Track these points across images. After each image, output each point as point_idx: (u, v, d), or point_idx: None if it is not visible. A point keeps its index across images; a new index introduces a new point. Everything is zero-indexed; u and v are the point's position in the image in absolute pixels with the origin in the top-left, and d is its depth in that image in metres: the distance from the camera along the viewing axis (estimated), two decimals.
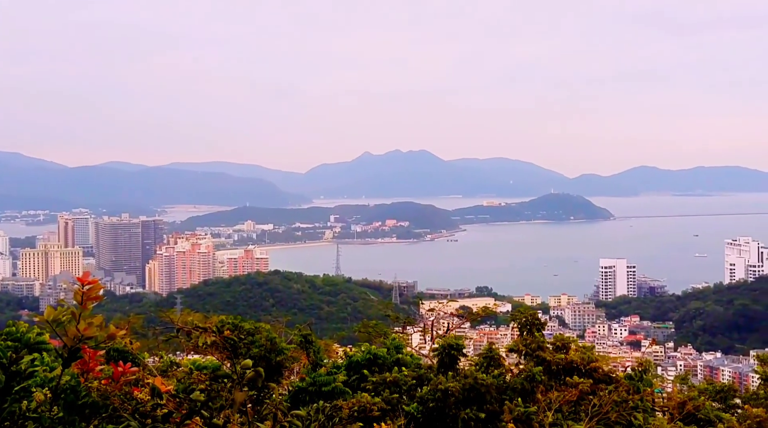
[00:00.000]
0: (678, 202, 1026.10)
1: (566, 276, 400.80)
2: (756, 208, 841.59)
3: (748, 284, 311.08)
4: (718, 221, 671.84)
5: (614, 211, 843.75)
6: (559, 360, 23.57)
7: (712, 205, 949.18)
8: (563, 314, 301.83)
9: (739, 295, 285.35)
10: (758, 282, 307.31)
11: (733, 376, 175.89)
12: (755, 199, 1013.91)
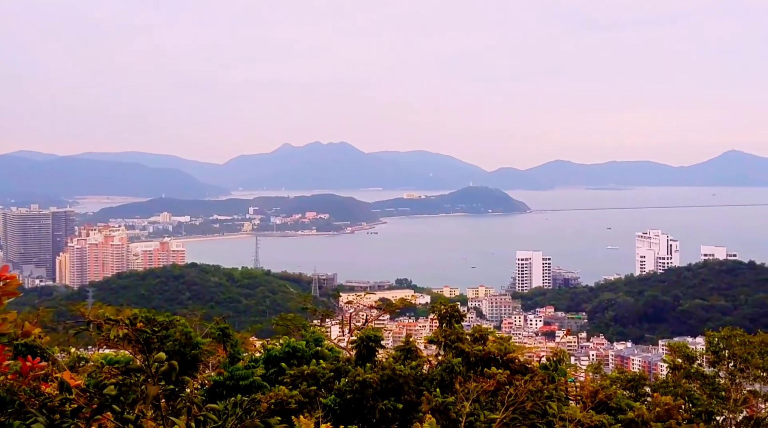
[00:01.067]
0: (592, 195, 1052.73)
1: (484, 268, 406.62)
2: (665, 202, 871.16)
3: (658, 275, 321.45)
4: (630, 215, 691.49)
5: (531, 204, 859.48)
6: (478, 351, 23.82)
7: (625, 199, 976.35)
8: (481, 305, 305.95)
9: (649, 286, 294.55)
10: (667, 274, 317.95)
11: (643, 365, 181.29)
12: (665, 193, 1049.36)
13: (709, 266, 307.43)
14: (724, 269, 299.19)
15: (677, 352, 33.97)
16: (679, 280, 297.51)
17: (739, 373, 32.28)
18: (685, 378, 32.52)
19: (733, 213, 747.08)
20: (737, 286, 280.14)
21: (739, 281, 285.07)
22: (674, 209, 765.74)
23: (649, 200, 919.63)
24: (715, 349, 33.00)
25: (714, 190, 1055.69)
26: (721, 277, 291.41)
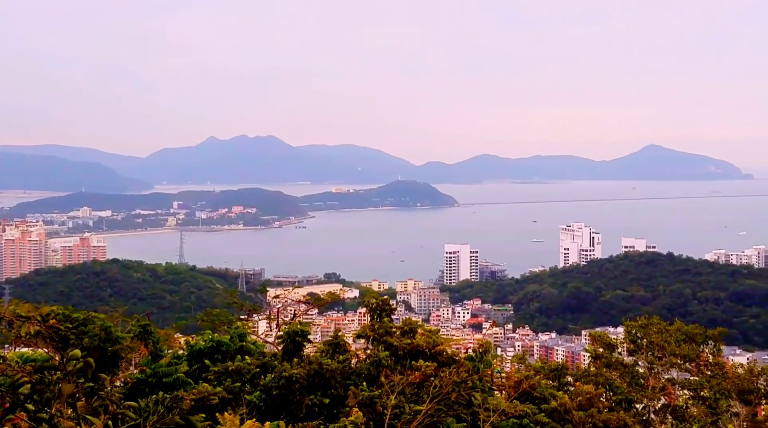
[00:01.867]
0: (518, 189, 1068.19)
1: (413, 262, 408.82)
2: (588, 195, 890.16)
3: (581, 267, 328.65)
4: (554, 208, 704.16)
5: (459, 198, 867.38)
6: (406, 345, 23.89)
7: (549, 192, 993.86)
8: (409, 298, 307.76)
9: (573, 278, 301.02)
10: (589, 266, 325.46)
11: (566, 355, 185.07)
12: (588, 186, 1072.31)
13: (630, 257, 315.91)
14: (643, 261, 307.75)
15: (598, 342, 34.82)
16: (601, 271, 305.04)
17: (657, 361, 33.29)
18: (606, 367, 33.35)
19: (652, 206, 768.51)
20: (656, 277, 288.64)
21: (658, 272, 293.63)
22: (596, 203, 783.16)
23: (573, 193, 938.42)
24: (634, 338, 33.94)
25: (634, 183, 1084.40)
26: (640, 268, 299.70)
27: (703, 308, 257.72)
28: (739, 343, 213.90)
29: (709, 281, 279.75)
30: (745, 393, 32.03)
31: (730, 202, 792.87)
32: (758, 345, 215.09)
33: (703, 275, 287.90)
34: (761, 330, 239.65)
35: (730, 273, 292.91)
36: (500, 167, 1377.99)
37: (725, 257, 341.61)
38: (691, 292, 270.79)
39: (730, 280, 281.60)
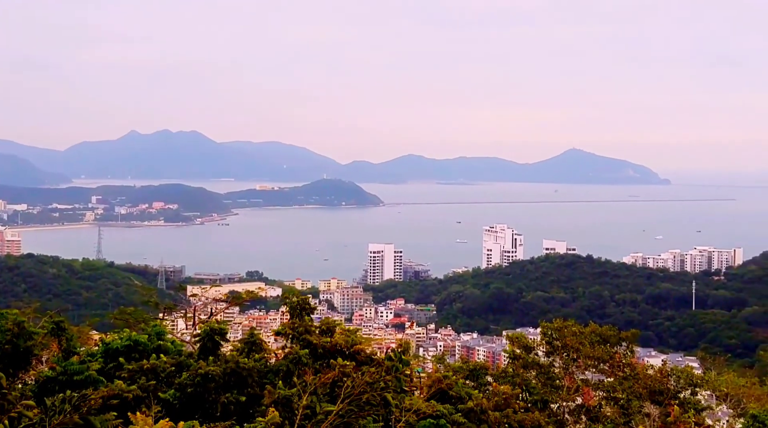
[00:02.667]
0: (442, 190, 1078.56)
1: (337, 261, 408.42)
2: (511, 197, 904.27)
3: (503, 268, 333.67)
4: (478, 209, 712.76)
5: (384, 197, 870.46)
6: (325, 343, 23.84)
7: (473, 193, 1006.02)
8: (333, 298, 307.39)
9: (495, 279, 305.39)
10: (511, 267, 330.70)
11: (487, 355, 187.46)
12: (511, 188, 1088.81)
13: (551, 259, 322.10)
14: (564, 263, 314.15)
15: (516, 342, 35.34)
16: (523, 273, 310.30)
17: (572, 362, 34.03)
18: (523, 368, 33.87)
19: (573, 209, 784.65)
20: (576, 279, 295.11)
21: (577, 274, 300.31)
22: (519, 205, 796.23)
23: (497, 195, 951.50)
24: (550, 340, 34.60)
25: (557, 186, 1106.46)
26: (561, 270, 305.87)
27: (620, 310, 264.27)
28: (655, 345, 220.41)
29: (626, 284, 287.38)
30: (656, 394, 32.92)
31: (648, 206, 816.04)
32: (672, 347, 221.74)
33: (621, 277, 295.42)
34: (675, 332, 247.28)
35: (646, 276, 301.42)
36: (426, 168, 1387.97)
37: (642, 260, 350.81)
38: (610, 294, 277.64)
39: (647, 283, 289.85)
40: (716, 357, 48.97)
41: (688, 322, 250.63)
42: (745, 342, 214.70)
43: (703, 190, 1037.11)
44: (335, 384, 20.25)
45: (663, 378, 33.37)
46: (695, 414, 30.49)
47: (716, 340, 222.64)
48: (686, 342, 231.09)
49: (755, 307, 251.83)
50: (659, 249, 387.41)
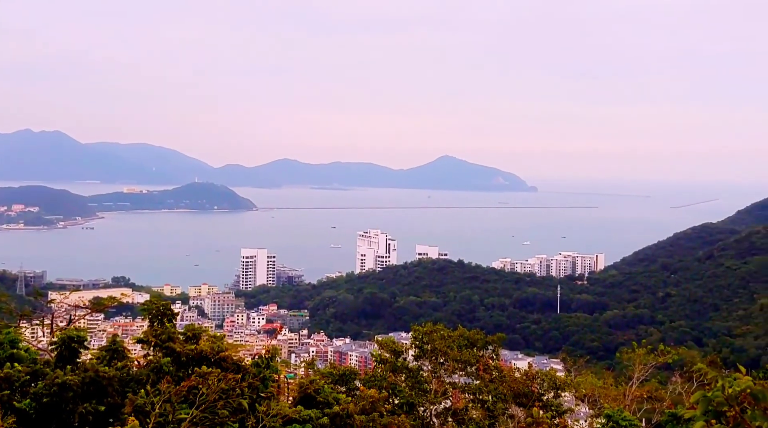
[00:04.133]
0: (317, 195, 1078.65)
1: (208, 266, 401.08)
2: (386, 202, 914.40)
3: (376, 273, 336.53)
4: (353, 214, 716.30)
5: (257, 202, 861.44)
6: (189, 351, 23.32)
7: (349, 198, 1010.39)
8: (203, 304, 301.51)
9: (368, 284, 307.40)
10: (385, 272, 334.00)
11: (360, 360, 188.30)
12: (385, 194, 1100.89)
13: (423, 264, 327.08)
14: (436, 268, 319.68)
15: (385, 347, 35.63)
16: (396, 277, 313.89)
17: (440, 366, 34.61)
18: (392, 372, 34.17)
19: (445, 215, 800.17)
20: (447, 283, 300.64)
21: (449, 278, 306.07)
22: (393, 210, 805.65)
23: (371, 200, 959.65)
24: (419, 344, 35.07)
25: (430, 192, 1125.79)
26: (433, 275, 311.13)
27: (489, 314, 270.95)
28: (522, 348, 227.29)
29: (495, 288, 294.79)
30: (521, 396, 33.88)
31: (517, 212, 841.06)
32: (538, 350, 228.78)
33: (490, 282, 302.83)
34: (541, 335, 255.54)
35: (514, 281, 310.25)
36: (301, 172, 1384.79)
37: (511, 265, 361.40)
38: (479, 298, 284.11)
39: (515, 287, 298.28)
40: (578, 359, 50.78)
41: (553, 325, 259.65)
42: (606, 344, 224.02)
43: (568, 197, 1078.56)
44: (191, 391, 19.81)
45: (527, 380, 34.36)
46: (557, 415, 31.61)
47: (579, 343, 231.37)
48: (551, 344, 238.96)
49: (615, 311, 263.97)
50: (527, 254, 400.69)
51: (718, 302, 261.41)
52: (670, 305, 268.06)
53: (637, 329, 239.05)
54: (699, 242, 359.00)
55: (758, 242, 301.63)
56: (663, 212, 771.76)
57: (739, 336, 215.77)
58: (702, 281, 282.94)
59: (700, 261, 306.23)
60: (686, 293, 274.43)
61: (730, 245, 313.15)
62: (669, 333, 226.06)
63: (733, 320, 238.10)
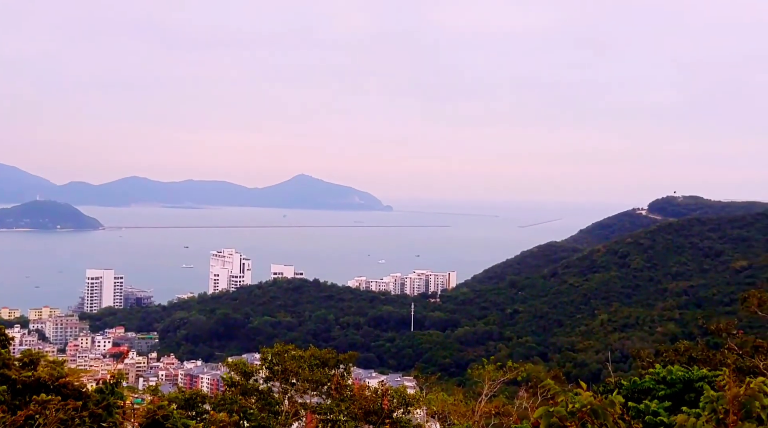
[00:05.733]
0: (169, 213, 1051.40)
1: (50, 287, 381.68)
2: (241, 222, 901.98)
3: (230, 293, 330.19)
4: (207, 234, 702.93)
5: (104, 221, 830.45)
6: (26, 378, 21.62)
7: (202, 217, 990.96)
8: (44, 327, 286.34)
9: (222, 304, 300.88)
10: (239, 292, 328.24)
11: (212, 383, 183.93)
12: (240, 213, 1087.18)
13: (278, 284, 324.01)
14: (291, 287, 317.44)
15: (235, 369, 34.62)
16: (250, 297, 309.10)
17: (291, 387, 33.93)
18: (243, 395, 33.20)
19: (301, 234, 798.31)
20: (303, 303, 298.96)
21: (304, 298, 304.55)
22: (248, 229, 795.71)
23: (226, 219, 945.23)
24: (270, 365, 34.27)
25: (285, 211, 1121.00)
26: (288, 294, 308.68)
27: (344, 332, 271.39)
28: (376, 366, 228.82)
29: (351, 307, 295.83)
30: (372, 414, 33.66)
31: (373, 231, 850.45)
32: (392, 368, 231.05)
33: (345, 300, 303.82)
34: (395, 353, 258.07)
35: (369, 299, 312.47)
36: (151, 190, 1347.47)
37: (366, 283, 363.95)
38: (335, 317, 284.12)
39: (370, 306, 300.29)
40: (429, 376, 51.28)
41: (407, 343, 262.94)
42: (457, 361, 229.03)
43: (422, 217, 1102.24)
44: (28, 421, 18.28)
45: (378, 398, 34.21)
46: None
47: (432, 360, 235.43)
48: (405, 362, 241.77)
49: (466, 327, 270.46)
50: (382, 273, 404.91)
51: (562, 318, 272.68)
52: (517, 321, 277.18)
53: (486, 345, 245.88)
54: (544, 260, 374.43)
55: (598, 260, 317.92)
56: (511, 231, 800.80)
57: (581, 351, 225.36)
58: (547, 297, 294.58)
59: (545, 279, 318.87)
60: (533, 309, 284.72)
61: (573, 263, 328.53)
62: (517, 349, 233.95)
63: (575, 335, 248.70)
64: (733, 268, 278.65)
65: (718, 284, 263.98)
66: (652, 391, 22.95)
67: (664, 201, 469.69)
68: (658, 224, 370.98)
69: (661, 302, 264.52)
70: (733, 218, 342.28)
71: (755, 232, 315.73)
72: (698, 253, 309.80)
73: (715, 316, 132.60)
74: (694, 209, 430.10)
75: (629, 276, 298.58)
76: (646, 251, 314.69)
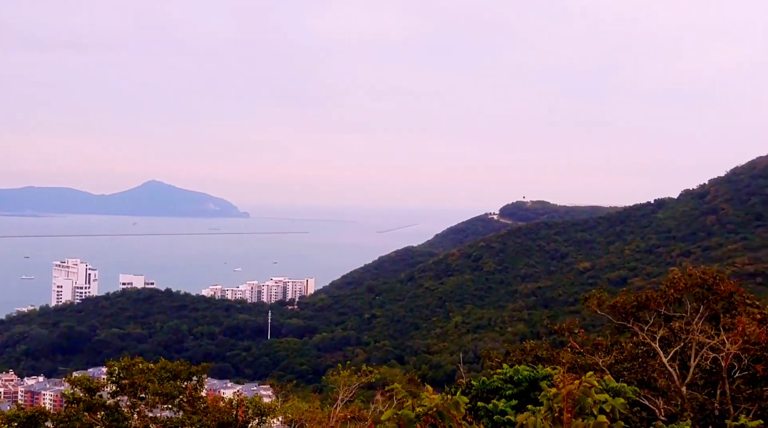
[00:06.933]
0: (8, 222, 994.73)
1: None
2: (87, 230, 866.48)
3: (75, 305, 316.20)
4: (49, 243, 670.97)
5: None
6: None
7: (44, 226, 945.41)
8: None
9: (66, 317, 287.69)
10: (84, 304, 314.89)
11: (55, 399, 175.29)
12: (86, 221, 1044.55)
13: (128, 294, 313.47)
14: (141, 297, 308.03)
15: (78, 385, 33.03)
16: (97, 309, 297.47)
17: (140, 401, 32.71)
18: (87, 411, 31.74)
19: (153, 242, 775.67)
20: (154, 314, 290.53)
21: (155, 308, 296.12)
22: (95, 238, 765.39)
23: (71, 227, 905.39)
24: (116, 379, 32.95)
25: (136, 219, 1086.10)
26: (138, 305, 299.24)
27: (198, 343, 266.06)
28: (232, 375, 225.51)
29: (205, 317, 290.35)
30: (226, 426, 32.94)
31: (229, 239, 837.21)
32: (248, 377, 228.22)
33: (199, 310, 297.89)
34: (251, 361, 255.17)
35: (225, 308, 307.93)
36: None
37: (221, 292, 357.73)
38: (188, 327, 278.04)
39: (225, 315, 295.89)
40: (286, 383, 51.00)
41: (264, 351, 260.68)
42: (315, 367, 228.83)
43: (280, 223, 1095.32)
44: None
45: (232, 409, 33.53)
46: None
47: (289, 367, 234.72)
48: (261, 370, 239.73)
49: (324, 333, 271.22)
50: (238, 281, 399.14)
51: (419, 322, 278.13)
52: (375, 325, 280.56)
53: (344, 350, 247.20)
54: (402, 265, 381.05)
55: (453, 263, 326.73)
56: (370, 237, 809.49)
57: (437, 353, 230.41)
58: (404, 301, 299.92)
59: (402, 283, 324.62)
60: (390, 313, 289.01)
61: (429, 267, 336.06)
62: (374, 353, 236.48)
63: (431, 337, 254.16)
64: (577, 269, 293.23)
65: (564, 285, 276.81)
66: (500, 390, 23.60)
67: (513, 206, 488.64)
68: (508, 228, 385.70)
69: (512, 304, 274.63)
70: (577, 222, 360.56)
71: (597, 235, 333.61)
72: (545, 255, 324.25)
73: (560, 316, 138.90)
74: (541, 214, 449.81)
75: (482, 279, 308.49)
76: (497, 255, 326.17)
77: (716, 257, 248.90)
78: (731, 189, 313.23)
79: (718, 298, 32.05)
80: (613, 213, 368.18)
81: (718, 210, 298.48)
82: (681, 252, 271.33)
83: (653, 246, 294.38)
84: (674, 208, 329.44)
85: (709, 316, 32.10)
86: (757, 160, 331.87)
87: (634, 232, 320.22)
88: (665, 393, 28.95)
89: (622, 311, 33.19)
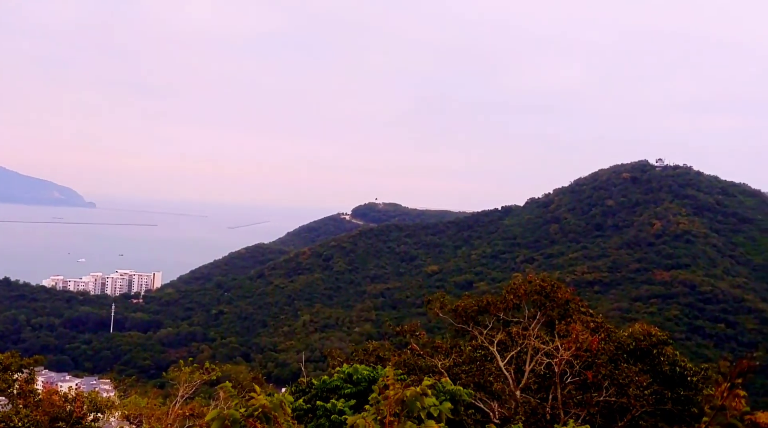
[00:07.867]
0: None
1: None
2: None
3: None
4: None
5: None
6: None
7: None
8: None
9: None
10: None
11: None
12: None
13: None
14: None
15: None
16: None
17: None
18: None
19: None
20: None
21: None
22: None
23: None
24: None
25: None
26: None
27: (36, 334, 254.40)
28: (71, 369, 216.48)
29: (45, 308, 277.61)
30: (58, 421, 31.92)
31: (74, 229, 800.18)
32: (88, 370, 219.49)
33: (39, 301, 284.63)
34: (92, 355, 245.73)
35: (66, 300, 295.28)
36: None
37: (63, 283, 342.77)
38: (26, 318, 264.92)
39: (66, 306, 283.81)
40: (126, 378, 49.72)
41: (105, 345, 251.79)
42: (158, 363, 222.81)
43: (128, 215, 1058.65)
44: None
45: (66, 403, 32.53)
46: None
47: (132, 362, 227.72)
48: (102, 364, 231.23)
49: (170, 329, 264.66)
50: (82, 272, 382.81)
51: (267, 319, 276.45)
52: (222, 322, 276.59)
53: (190, 346, 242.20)
54: (252, 261, 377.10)
55: (304, 262, 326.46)
56: (220, 232, 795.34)
57: (283, 351, 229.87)
58: (253, 298, 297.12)
59: (252, 280, 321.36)
60: (238, 310, 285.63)
61: (280, 265, 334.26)
62: (220, 350, 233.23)
63: (279, 335, 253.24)
64: (426, 272, 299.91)
65: (412, 287, 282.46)
66: (340, 389, 24.10)
67: (366, 207, 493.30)
68: (359, 228, 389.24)
69: (360, 304, 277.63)
70: (427, 226, 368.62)
71: (446, 239, 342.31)
72: (395, 257, 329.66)
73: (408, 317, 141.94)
74: (393, 216, 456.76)
75: (332, 278, 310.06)
76: (348, 255, 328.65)
77: (558, 264, 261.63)
78: (574, 199, 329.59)
79: (554, 305, 33.64)
80: (462, 218, 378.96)
81: (561, 219, 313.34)
82: (525, 258, 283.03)
83: (499, 252, 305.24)
84: (520, 215, 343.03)
85: (546, 322, 33.74)
86: (599, 172, 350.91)
87: (482, 237, 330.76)
88: (500, 397, 30.23)
89: (463, 314, 34.41)
